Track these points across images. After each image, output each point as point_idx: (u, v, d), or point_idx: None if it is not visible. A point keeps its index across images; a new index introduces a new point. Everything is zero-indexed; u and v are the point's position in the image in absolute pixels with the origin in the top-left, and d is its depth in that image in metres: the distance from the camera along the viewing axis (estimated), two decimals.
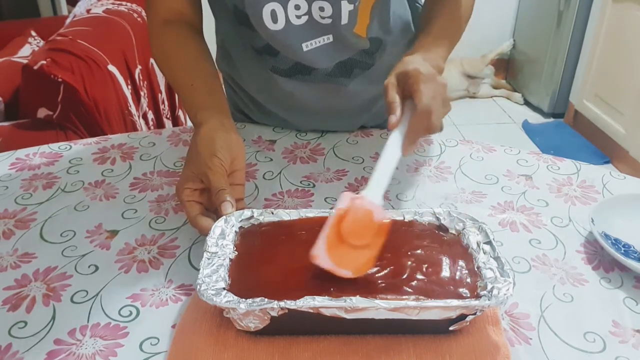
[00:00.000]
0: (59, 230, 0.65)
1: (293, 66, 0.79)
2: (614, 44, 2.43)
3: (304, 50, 0.76)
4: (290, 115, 0.88)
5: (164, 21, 0.75)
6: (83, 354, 0.49)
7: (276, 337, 0.49)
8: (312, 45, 0.76)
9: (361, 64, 0.81)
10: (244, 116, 0.95)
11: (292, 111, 0.87)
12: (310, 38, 0.75)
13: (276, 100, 0.87)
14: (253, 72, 0.84)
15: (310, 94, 0.83)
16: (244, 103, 0.93)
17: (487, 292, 0.48)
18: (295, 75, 0.80)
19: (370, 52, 0.80)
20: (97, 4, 1.81)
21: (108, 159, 0.81)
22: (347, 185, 0.75)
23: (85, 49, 1.47)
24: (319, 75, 0.80)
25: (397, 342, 0.49)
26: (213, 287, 0.48)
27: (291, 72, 0.80)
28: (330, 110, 0.86)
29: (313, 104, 0.84)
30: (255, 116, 0.93)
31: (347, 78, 0.82)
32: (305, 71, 0.80)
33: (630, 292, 0.57)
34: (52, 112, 1.42)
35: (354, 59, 0.80)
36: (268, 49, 0.78)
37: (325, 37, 0.76)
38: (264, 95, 0.88)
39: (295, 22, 0.73)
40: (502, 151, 0.84)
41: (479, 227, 0.56)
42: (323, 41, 0.76)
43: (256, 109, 0.91)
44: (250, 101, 0.91)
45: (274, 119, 0.90)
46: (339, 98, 0.84)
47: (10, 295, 0.56)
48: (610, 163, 2.49)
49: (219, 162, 0.61)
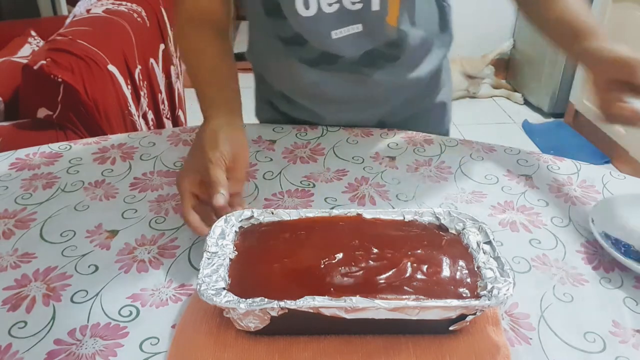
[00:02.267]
0: (59, 230, 0.65)
1: (319, 55, 0.80)
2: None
3: (333, 38, 0.77)
4: (315, 106, 0.90)
5: (192, 18, 0.76)
6: (83, 354, 0.49)
7: (276, 337, 0.49)
8: (341, 33, 0.77)
9: (386, 56, 0.82)
10: (271, 107, 0.96)
11: (316, 102, 0.89)
12: (339, 26, 0.76)
13: (301, 90, 0.88)
14: (279, 63, 0.85)
15: (334, 83, 0.84)
16: (272, 93, 0.94)
17: (487, 292, 0.48)
18: (321, 65, 0.82)
19: (396, 44, 0.81)
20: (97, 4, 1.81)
21: (108, 159, 0.81)
22: (347, 185, 0.75)
23: (85, 49, 1.46)
24: (344, 65, 0.81)
25: (397, 342, 0.49)
26: (213, 287, 0.48)
27: (317, 61, 0.81)
28: (352, 100, 0.87)
29: (337, 93, 0.85)
30: (282, 106, 0.94)
31: (371, 68, 0.82)
32: (331, 60, 0.81)
33: (630, 292, 0.57)
34: (52, 112, 1.42)
35: (379, 49, 0.80)
36: (296, 38, 0.79)
37: (355, 26, 0.77)
38: (289, 86, 0.89)
39: (326, 10, 0.75)
40: (502, 151, 0.84)
41: (479, 227, 0.56)
42: (352, 30, 0.77)
43: (283, 100, 0.93)
44: (278, 92, 0.92)
45: (300, 110, 0.91)
46: (362, 88, 0.85)
47: (10, 295, 0.56)
48: (610, 163, 2.49)
49: (220, 155, 0.62)
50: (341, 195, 0.73)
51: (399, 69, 0.84)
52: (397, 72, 0.84)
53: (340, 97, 0.86)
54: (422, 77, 0.87)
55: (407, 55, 0.83)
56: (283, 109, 0.94)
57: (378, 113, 0.91)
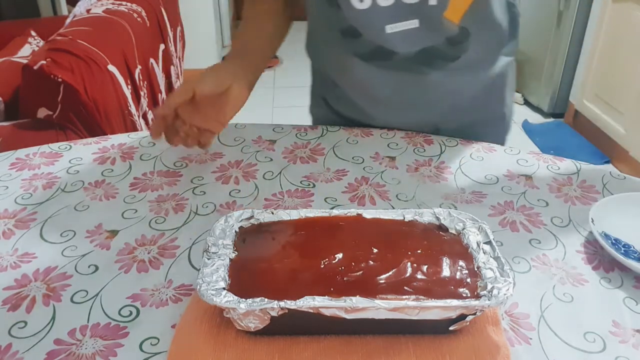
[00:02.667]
0: (59, 230, 0.65)
1: (374, 50, 0.78)
2: (614, 44, 2.43)
3: (387, 33, 0.75)
4: (366, 104, 0.88)
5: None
6: (83, 354, 0.49)
7: (276, 337, 0.49)
8: (396, 28, 0.75)
9: (444, 55, 0.79)
10: (325, 103, 0.96)
11: (367, 100, 0.87)
12: (394, 20, 0.75)
13: (354, 85, 0.86)
14: (335, 55, 0.84)
15: (388, 80, 0.82)
16: (326, 89, 0.94)
17: (487, 292, 0.48)
18: (375, 60, 0.80)
19: (455, 43, 0.78)
20: (97, 4, 1.81)
21: (108, 159, 0.81)
22: (347, 185, 0.75)
23: (85, 49, 1.47)
24: (399, 61, 0.79)
25: (397, 342, 0.49)
26: (213, 287, 0.48)
27: (371, 56, 0.79)
28: (405, 101, 0.85)
29: (389, 92, 0.83)
30: (334, 103, 0.94)
31: (428, 67, 0.80)
32: (385, 56, 0.79)
33: (630, 292, 0.57)
34: (52, 112, 1.42)
35: (437, 47, 0.78)
36: (351, 30, 0.78)
37: (411, 22, 0.75)
38: (343, 80, 0.88)
39: (381, 3, 0.73)
40: (502, 151, 0.84)
41: (479, 227, 0.56)
42: (408, 25, 0.75)
43: (335, 96, 0.92)
44: (331, 87, 0.92)
45: (351, 109, 0.91)
46: (417, 89, 0.83)
47: (10, 295, 0.56)
48: (610, 163, 2.49)
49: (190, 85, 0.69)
50: (341, 195, 0.73)
51: (458, 70, 0.80)
52: (455, 74, 0.81)
53: (392, 96, 0.84)
54: (484, 82, 0.85)
55: (469, 56, 0.79)
56: (335, 107, 0.94)
57: (432, 118, 0.88)
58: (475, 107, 0.88)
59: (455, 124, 0.89)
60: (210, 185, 0.75)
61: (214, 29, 3.31)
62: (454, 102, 0.86)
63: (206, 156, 0.82)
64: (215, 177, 0.77)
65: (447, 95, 0.85)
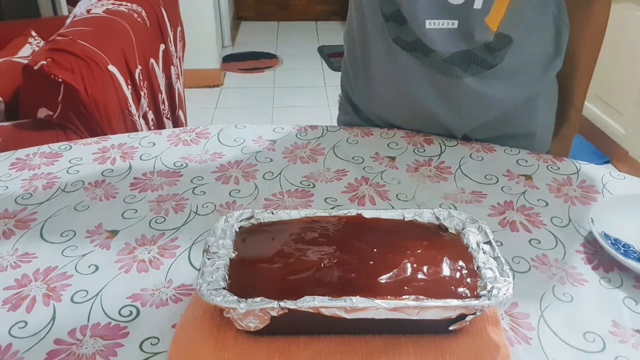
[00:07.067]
0: (59, 230, 0.65)
1: (414, 41, 0.78)
2: (614, 44, 2.43)
3: (426, 27, 0.76)
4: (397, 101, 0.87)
5: None
6: (83, 354, 0.49)
7: (276, 337, 0.49)
8: (435, 24, 0.76)
9: (481, 61, 0.78)
10: (352, 108, 0.96)
11: (400, 95, 0.85)
12: (435, 17, 0.75)
13: (389, 75, 0.85)
14: (376, 39, 0.83)
15: (423, 76, 0.81)
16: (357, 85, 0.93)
17: (487, 292, 0.48)
18: (414, 52, 0.80)
19: (493, 49, 0.77)
20: (97, 4, 1.81)
21: (108, 159, 0.81)
22: (347, 185, 0.75)
23: (85, 49, 1.47)
24: (435, 60, 0.78)
25: (397, 342, 0.49)
26: (213, 287, 0.48)
27: (411, 47, 0.79)
28: (438, 103, 0.83)
29: (423, 89, 0.82)
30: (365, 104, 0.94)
31: (463, 71, 0.78)
32: (424, 50, 0.79)
33: (630, 292, 0.57)
34: (52, 112, 1.42)
35: (473, 52, 0.77)
36: (397, 15, 0.78)
37: (450, 22, 0.75)
38: (380, 72, 0.87)
39: None
40: (502, 151, 0.84)
41: (479, 227, 0.56)
42: (447, 25, 0.75)
43: (366, 95, 0.92)
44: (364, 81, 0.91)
45: (379, 106, 0.91)
46: (450, 91, 0.81)
47: (10, 295, 0.56)
48: (610, 163, 2.49)
49: None
50: (341, 195, 0.73)
51: (494, 80, 0.79)
52: (491, 83, 0.79)
53: (425, 99, 0.83)
54: (519, 95, 0.83)
55: (506, 65, 0.78)
56: (364, 108, 0.93)
57: (462, 124, 0.86)
58: (506, 122, 0.86)
59: (484, 137, 0.88)
60: (210, 185, 0.75)
61: (214, 29, 3.31)
62: (486, 113, 0.84)
63: (206, 156, 0.82)
64: (215, 177, 0.77)
65: (479, 103, 0.83)
